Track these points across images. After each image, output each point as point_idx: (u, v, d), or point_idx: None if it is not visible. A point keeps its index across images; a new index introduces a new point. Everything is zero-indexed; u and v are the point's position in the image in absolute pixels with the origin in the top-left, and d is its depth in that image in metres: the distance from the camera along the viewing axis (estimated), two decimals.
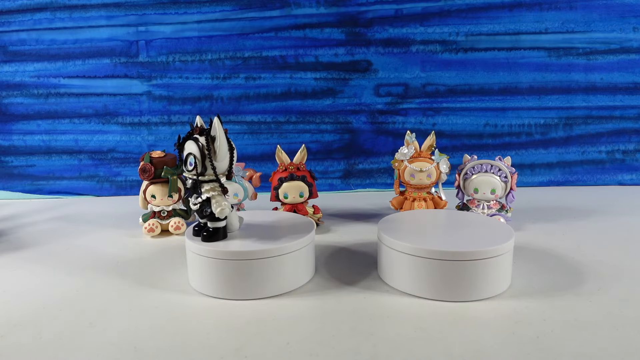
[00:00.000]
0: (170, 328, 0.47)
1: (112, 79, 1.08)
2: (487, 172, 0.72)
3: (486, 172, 0.72)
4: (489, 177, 0.72)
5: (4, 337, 0.46)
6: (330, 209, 0.92)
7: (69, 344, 0.44)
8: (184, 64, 1.07)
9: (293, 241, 0.54)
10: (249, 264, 0.52)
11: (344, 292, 0.54)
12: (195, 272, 0.55)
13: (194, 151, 0.52)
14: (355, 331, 0.45)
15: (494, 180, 0.72)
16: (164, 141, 1.10)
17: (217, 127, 0.52)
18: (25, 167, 1.12)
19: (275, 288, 0.53)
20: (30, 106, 1.10)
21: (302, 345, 0.43)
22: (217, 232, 0.54)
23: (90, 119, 1.10)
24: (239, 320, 0.48)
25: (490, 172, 0.72)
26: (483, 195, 0.73)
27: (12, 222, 0.88)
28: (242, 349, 0.42)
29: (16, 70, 1.08)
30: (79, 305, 0.52)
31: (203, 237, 0.54)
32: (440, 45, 1.04)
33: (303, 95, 1.08)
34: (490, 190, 0.72)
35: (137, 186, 0.82)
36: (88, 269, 0.63)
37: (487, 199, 0.73)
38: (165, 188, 0.77)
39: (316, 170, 1.09)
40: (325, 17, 1.05)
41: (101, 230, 0.81)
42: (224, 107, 1.09)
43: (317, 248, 0.67)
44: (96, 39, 1.07)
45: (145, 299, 0.53)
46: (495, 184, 0.72)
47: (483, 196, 0.73)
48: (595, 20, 1.01)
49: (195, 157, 0.52)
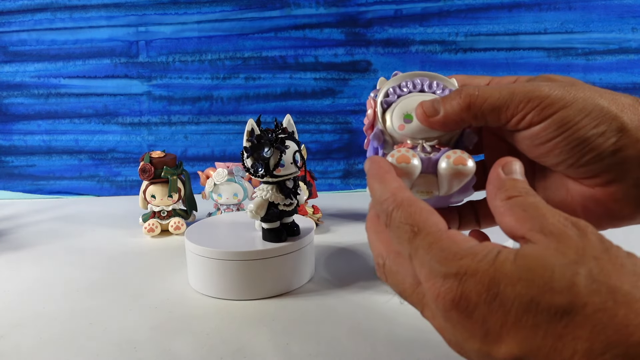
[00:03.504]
0: (170, 328, 0.47)
1: (113, 79, 1.08)
2: (422, 91, 0.36)
3: (421, 92, 0.36)
4: (427, 97, 0.35)
5: (4, 337, 0.46)
6: (330, 209, 0.92)
7: (69, 344, 0.44)
8: (184, 64, 1.07)
9: (293, 241, 0.54)
10: (249, 264, 0.52)
11: (343, 292, 0.54)
12: (195, 272, 0.55)
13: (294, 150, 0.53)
14: (354, 331, 0.45)
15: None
16: (164, 141, 1.11)
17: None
18: (26, 167, 1.13)
19: (275, 288, 0.53)
20: (30, 106, 1.10)
21: (302, 345, 0.43)
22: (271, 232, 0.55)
23: (91, 119, 1.10)
24: (239, 320, 0.48)
25: (428, 92, 0.36)
26: (421, 125, 0.35)
27: (12, 222, 0.88)
28: (242, 349, 0.42)
29: (17, 71, 1.08)
30: (79, 305, 0.52)
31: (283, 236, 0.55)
32: (439, 45, 1.04)
33: (303, 96, 1.08)
34: None
35: (137, 186, 0.82)
36: (88, 268, 0.63)
37: (429, 129, 0.35)
38: (165, 188, 0.77)
39: (316, 171, 1.09)
40: (324, 18, 1.05)
41: (101, 230, 0.81)
42: (223, 107, 1.09)
43: (317, 248, 0.67)
44: (96, 39, 1.07)
45: (145, 299, 0.54)
46: None
47: (422, 126, 0.35)
48: (594, 21, 1.01)
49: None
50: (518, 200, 0.26)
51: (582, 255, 0.22)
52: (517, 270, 0.22)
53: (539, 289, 0.22)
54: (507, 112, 0.31)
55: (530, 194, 0.26)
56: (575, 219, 0.24)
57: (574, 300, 0.21)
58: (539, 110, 0.30)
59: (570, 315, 0.21)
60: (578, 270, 0.22)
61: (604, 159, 0.29)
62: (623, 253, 0.23)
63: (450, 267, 0.24)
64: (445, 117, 0.32)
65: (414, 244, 0.26)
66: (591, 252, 0.22)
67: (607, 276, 0.21)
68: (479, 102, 0.31)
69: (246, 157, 0.53)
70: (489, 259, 0.23)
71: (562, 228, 0.23)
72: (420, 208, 0.27)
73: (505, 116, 0.31)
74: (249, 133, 0.53)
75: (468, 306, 0.23)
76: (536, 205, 0.25)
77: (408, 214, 0.27)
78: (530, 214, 0.25)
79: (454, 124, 0.32)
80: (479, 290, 0.23)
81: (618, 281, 0.21)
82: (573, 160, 0.30)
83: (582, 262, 0.22)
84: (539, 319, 0.22)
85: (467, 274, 0.23)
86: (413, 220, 0.26)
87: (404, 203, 0.27)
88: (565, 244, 0.23)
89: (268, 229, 0.55)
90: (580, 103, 0.29)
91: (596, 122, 0.29)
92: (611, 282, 0.21)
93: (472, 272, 0.23)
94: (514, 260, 0.23)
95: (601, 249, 0.23)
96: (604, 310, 0.21)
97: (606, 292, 0.21)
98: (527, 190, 0.27)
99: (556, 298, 0.21)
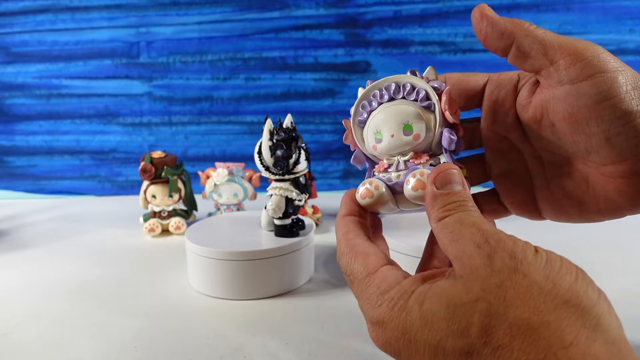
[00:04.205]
0: (170, 328, 0.47)
1: (113, 79, 1.09)
2: (392, 99, 0.33)
3: (391, 100, 0.33)
4: (395, 108, 0.33)
5: (6, 336, 0.46)
6: (330, 209, 0.92)
7: (70, 344, 0.45)
8: (185, 65, 1.08)
9: (292, 241, 0.55)
10: (249, 264, 0.52)
11: (343, 292, 0.55)
12: (195, 272, 0.55)
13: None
14: (354, 331, 0.46)
15: (405, 109, 0.32)
16: (165, 141, 1.11)
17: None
18: (28, 167, 1.13)
19: (274, 288, 0.54)
20: (32, 107, 1.10)
21: (301, 345, 0.43)
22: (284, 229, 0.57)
23: (92, 119, 1.11)
24: (238, 320, 0.49)
25: (398, 98, 0.33)
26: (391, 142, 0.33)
27: (14, 222, 0.89)
28: (242, 349, 0.43)
29: (19, 71, 1.09)
30: (80, 305, 0.53)
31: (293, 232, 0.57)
32: (439, 46, 1.05)
33: (302, 96, 1.08)
34: (402, 128, 0.32)
35: (137, 186, 0.82)
36: (89, 268, 0.64)
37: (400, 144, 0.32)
38: (165, 188, 0.78)
39: (315, 171, 1.10)
40: (324, 18, 1.05)
41: (102, 230, 0.82)
42: (224, 107, 1.09)
43: (317, 248, 0.68)
44: (97, 40, 1.07)
45: (146, 298, 0.54)
46: (407, 114, 0.32)
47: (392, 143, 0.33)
48: (592, 22, 1.02)
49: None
50: (447, 222, 0.26)
51: (486, 287, 0.22)
52: (424, 315, 0.24)
53: (442, 334, 0.23)
54: (556, 53, 0.29)
55: (459, 209, 0.26)
56: (491, 232, 0.24)
57: (472, 341, 0.22)
58: (593, 64, 0.28)
59: (472, 356, 0.22)
60: (478, 308, 0.22)
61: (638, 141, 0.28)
62: (536, 265, 0.22)
63: (373, 314, 0.26)
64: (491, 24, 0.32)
65: (353, 291, 0.29)
66: (496, 278, 0.22)
67: (507, 306, 0.21)
68: (530, 29, 0.30)
69: (270, 156, 0.54)
70: (400, 305, 0.25)
71: (475, 252, 0.23)
72: (355, 254, 0.29)
73: (552, 57, 0.29)
74: (271, 133, 0.54)
75: (394, 350, 0.25)
76: (462, 223, 0.25)
77: (346, 264, 0.29)
78: (455, 237, 0.25)
79: (497, 36, 0.32)
80: (397, 337, 0.25)
81: (518, 309, 0.21)
82: (612, 132, 0.28)
83: (484, 296, 0.22)
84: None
85: (384, 321, 0.25)
86: (349, 270, 0.29)
87: (344, 252, 0.30)
88: (474, 275, 0.23)
89: (282, 226, 0.56)
90: (632, 76, 0.28)
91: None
92: (510, 313, 0.21)
93: (388, 319, 0.25)
94: (422, 303, 0.24)
95: (509, 269, 0.22)
96: (503, 347, 0.21)
97: (505, 326, 0.21)
98: (458, 203, 0.27)
99: (457, 341, 0.22)
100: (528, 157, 0.35)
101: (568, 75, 0.29)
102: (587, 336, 0.20)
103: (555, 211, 0.35)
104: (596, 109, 0.28)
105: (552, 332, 0.20)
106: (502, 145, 0.36)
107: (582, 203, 0.33)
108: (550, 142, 0.33)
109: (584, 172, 0.32)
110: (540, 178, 0.35)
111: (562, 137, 0.31)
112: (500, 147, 0.36)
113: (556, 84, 0.30)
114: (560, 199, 0.34)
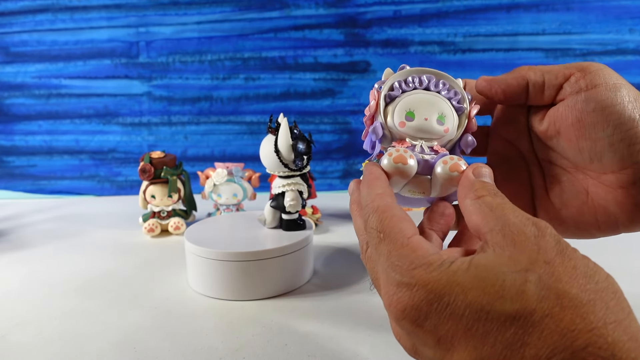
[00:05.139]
0: (169, 328, 0.47)
1: (113, 79, 1.09)
2: (427, 89, 0.35)
3: (427, 90, 0.35)
4: (431, 97, 0.35)
5: (5, 336, 0.46)
6: (329, 209, 0.92)
7: (69, 344, 0.45)
8: (184, 65, 1.08)
9: (292, 242, 0.55)
10: (249, 264, 0.52)
11: (342, 292, 0.55)
12: (194, 272, 0.55)
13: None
14: (353, 332, 0.46)
15: (440, 102, 0.35)
16: (164, 141, 1.11)
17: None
18: (27, 167, 1.13)
19: (274, 288, 0.54)
20: (31, 107, 1.10)
21: (301, 345, 0.43)
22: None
23: (91, 119, 1.11)
24: (237, 320, 0.49)
25: (434, 90, 0.35)
26: (424, 124, 0.34)
27: (13, 222, 0.89)
28: (241, 350, 0.43)
29: (18, 71, 1.09)
30: (80, 305, 0.53)
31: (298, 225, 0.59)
32: (438, 46, 1.05)
33: (302, 96, 1.08)
34: (437, 117, 0.34)
35: (137, 186, 0.82)
36: (88, 268, 0.64)
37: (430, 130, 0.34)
38: (165, 188, 0.78)
39: (315, 171, 1.10)
40: (324, 18, 1.05)
41: (101, 230, 0.82)
42: (223, 107, 1.09)
43: (316, 248, 0.68)
44: (97, 40, 1.07)
45: (145, 299, 0.54)
46: (442, 107, 0.34)
47: (424, 126, 0.34)
48: (592, 22, 1.02)
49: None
50: (486, 200, 0.27)
51: (534, 261, 0.23)
52: (469, 279, 0.23)
53: (490, 297, 0.22)
54: (566, 71, 0.32)
55: (497, 195, 0.27)
56: (536, 219, 0.25)
57: (522, 307, 0.22)
58: (599, 75, 0.31)
59: (519, 322, 0.22)
60: (528, 278, 0.22)
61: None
62: (578, 255, 0.23)
63: (404, 275, 0.25)
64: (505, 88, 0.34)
65: (379, 250, 0.27)
66: (544, 256, 0.23)
67: (557, 281, 0.22)
68: (534, 68, 0.34)
69: (292, 151, 0.56)
70: (442, 268, 0.24)
71: (522, 228, 0.24)
72: (392, 215, 0.28)
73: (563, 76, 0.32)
74: (291, 130, 0.56)
75: (419, 316, 0.24)
76: (502, 205, 0.26)
77: (379, 220, 0.28)
78: (496, 213, 0.26)
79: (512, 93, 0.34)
80: (430, 300, 0.24)
81: (567, 285, 0.22)
82: (616, 137, 0.30)
83: (533, 268, 0.22)
84: (488, 327, 0.22)
85: (418, 284, 0.24)
86: (382, 227, 0.28)
87: (379, 209, 0.29)
88: (520, 249, 0.23)
89: (290, 220, 0.59)
90: (632, 90, 0.31)
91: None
92: (560, 287, 0.22)
93: (424, 282, 0.24)
94: (467, 269, 0.23)
95: (556, 251, 0.23)
96: (551, 316, 0.21)
97: (554, 297, 0.22)
98: (495, 191, 0.28)
99: (506, 305, 0.22)
100: (532, 167, 0.37)
101: (578, 86, 0.31)
102: (625, 317, 0.21)
103: (552, 222, 0.36)
104: (603, 113, 0.30)
105: (599, 309, 0.21)
106: (509, 151, 0.37)
107: (581, 214, 0.34)
108: (555, 153, 0.34)
109: (585, 182, 0.33)
110: (542, 188, 0.36)
111: (567, 144, 0.33)
112: (506, 153, 0.37)
113: (568, 95, 0.32)
114: (559, 209, 0.35)
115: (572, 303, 0.21)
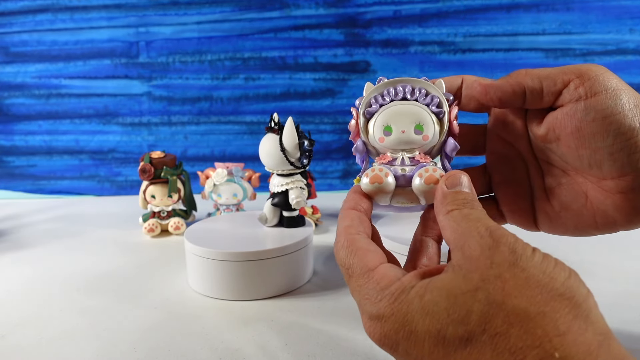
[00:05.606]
0: (170, 328, 0.47)
1: (113, 79, 1.09)
2: (405, 98, 0.35)
3: (404, 100, 0.35)
4: (408, 107, 0.35)
5: (5, 336, 0.46)
6: (329, 209, 0.92)
7: (70, 344, 0.45)
8: (184, 65, 1.08)
9: (292, 241, 0.55)
10: (249, 264, 0.52)
11: (342, 292, 0.55)
12: (194, 272, 0.55)
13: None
14: (353, 332, 0.46)
15: (418, 110, 0.35)
16: (164, 141, 1.11)
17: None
18: (27, 167, 1.13)
19: (274, 288, 0.54)
20: (31, 107, 1.10)
21: (301, 346, 0.43)
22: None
23: (91, 119, 1.11)
24: (238, 320, 0.49)
25: (411, 99, 0.35)
26: (401, 137, 0.34)
27: (13, 222, 0.89)
28: (242, 349, 0.43)
29: (18, 71, 1.09)
30: (80, 305, 0.53)
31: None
32: (438, 46, 1.05)
33: (302, 96, 1.08)
34: (414, 127, 0.34)
35: (137, 186, 0.82)
36: (88, 268, 0.64)
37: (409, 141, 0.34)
38: (165, 188, 0.78)
39: (315, 171, 1.10)
40: (324, 18, 1.05)
41: (101, 230, 0.82)
42: (223, 107, 1.09)
43: (316, 248, 0.68)
44: (97, 40, 1.07)
45: (145, 299, 0.54)
46: (420, 115, 0.34)
47: (402, 138, 0.34)
48: (592, 22, 1.02)
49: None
50: (454, 215, 0.27)
51: (485, 278, 0.23)
52: (425, 306, 0.24)
53: (443, 322, 0.23)
54: (564, 77, 0.31)
55: (466, 206, 0.27)
56: (494, 227, 0.25)
57: (471, 329, 0.22)
58: (598, 81, 0.30)
59: (472, 343, 0.22)
60: (477, 297, 0.23)
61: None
62: (535, 262, 0.23)
63: (372, 309, 0.26)
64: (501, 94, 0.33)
65: (350, 285, 0.29)
66: (496, 270, 0.23)
67: (506, 296, 0.22)
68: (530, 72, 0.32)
69: (302, 152, 0.57)
70: (402, 297, 0.25)
71: (479, 241, 0.24)
72: (356, 249, 0.29)
73: (562, 82, 0.31)
74: (297, 128, 0.58)
75: (392, 343, 0.26)
76: (468, 217, 0.26)
77: (345, 256, 0.29)
78: (460, 229, 0.26)
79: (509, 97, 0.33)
80: (396, 329, 0.25)
81: (516, 299, 0.22)
82: (616, 147, 0.30)
83: (484, 286, 0.23)
84: (447, 349, 0.23)
85: (385, 315, 0.26)
86: (348, 263, 0.29)
87: (344, 245, 0.30)
88: (474, 266, 0.24)
89: (291, 217, 0.60)
90: (633, 95, 0.30)
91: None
92: (508, 302, 0.22)
93: (389, 313, 0.25)
94: (423, 295, 0.25)
95: (508, 263, 0.23)
96: (500, 334, 0.22)
97: (503, 315, 0.22)
98: (464, 201, 0.28)
99: (458, 329, 0.23)
100: (531, 167, 0.36)
101: (577, 94, 0.31)
102: (578, 326, 0.21)
103: (552, 223, 0.36)
104: (603, 123, 0.30)
105: (548, 322, 0.21)
106: (507, 152, 0.37)
107: (580, 216, 0.34)
108: (554, 155, 0.34)
109: (584, 186, 0.33)
110: (541, 189, 0.36)
111: (567, 151, 0.33)
112: (505, 154, 0.37)
113: (567, 103, 0.32)
114: (558, 211, 0.35)
115: (519, 318, 0.21)
